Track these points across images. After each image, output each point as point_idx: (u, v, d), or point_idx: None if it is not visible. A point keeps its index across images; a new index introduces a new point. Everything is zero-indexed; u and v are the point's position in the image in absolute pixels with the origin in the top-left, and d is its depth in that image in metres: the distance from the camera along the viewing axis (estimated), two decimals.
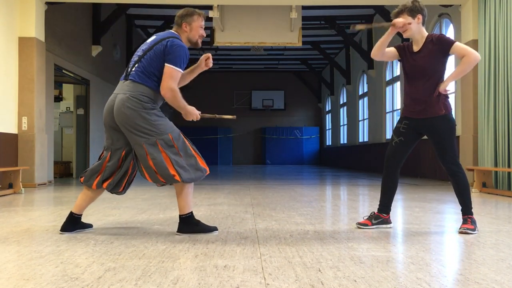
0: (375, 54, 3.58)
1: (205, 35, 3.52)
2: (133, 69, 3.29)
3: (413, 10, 3.43)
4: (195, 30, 3.39)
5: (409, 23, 3.41)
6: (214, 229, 3.40)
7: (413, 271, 2.29)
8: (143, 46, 3.37)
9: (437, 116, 3.40)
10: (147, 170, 3.25)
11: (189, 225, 3.31)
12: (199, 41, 3.46)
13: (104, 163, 3.34)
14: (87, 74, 11.31)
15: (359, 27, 3.50)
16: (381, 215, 3.58)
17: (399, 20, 3.40)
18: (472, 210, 3.48)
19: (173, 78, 3.21)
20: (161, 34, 3.39)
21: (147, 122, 3.19)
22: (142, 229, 3.51)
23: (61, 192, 7.00)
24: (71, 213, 3.40)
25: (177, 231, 3.33)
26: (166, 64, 3.21)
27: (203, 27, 3.42)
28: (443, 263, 2.50)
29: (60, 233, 3.32)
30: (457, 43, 3.37)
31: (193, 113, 3.37)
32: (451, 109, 3.48)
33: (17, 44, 7.90)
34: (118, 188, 3.41)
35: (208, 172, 3.34)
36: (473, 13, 7.91)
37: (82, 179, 3.40)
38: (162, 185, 3.32)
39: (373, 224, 3.55)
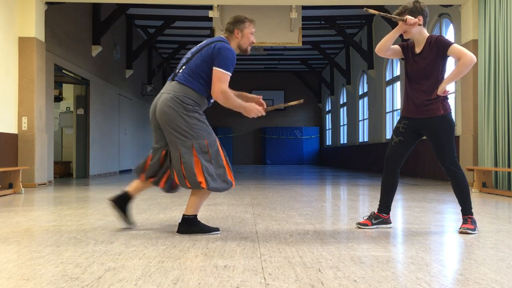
0: (380, 49, 3.56)
1: (254, 41, 3.58)
2: (180, 71, 3.32)
3: (413, 12, 3.42)
4: (246, 37, 3.45)
5: (419, 24, 3.40)
6: (214, 229, 3.36)
7: (413, 271, 2.29)
8: (193, 49, 3.41)
9: (436, 116, 3.40)
10: (177, 172, 3.23)
11: (189, 225, 3.31)
12: (249, 48, 3.52)
13: (147, 160, 3.40)
14: (87, 74, 11.31)
15: (372, 11, 3.48)
16: (381, 215, 3.58)
17: (411, 18, 3.37)
18: (472, 210, 3.47)
19: (222, 80, 3.23)
20: (210, 39, 3.44)
21: (186, 124, 3.18)
22: (142, 229, 3.51)
23: (61, 192, 7.00)
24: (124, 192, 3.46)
25: (177, 231, 3.32)
26: (214, 68, 3.23)
27: (253, 33, 3.50)
28: (443, 263, 2.50)
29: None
30: (454, 45, 3.38)
31: (252, 109, 3.34)
32: (450, 109, 3.48)
33: (17, 44, 7.90)
34: (158, 183, 3.42)
35: (233, 186, 3.33)
36: (473, 13, 7.91)
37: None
38: (187, 188, 3.27)
39: (373, 224, 3.55)
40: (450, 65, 3.94)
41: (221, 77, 3.22)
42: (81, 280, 2.12)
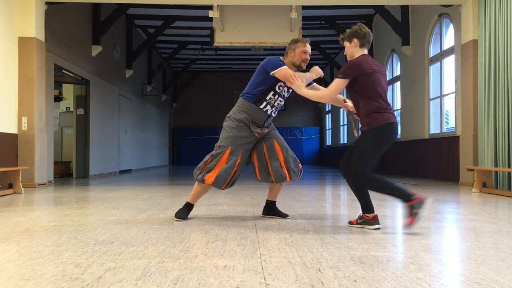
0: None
1: (308, 58, 3.97)
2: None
3: (349, 35, 3.70)
4: (298, 55, 3.91)
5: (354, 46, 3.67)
6: (180, 219, 3.94)
7: (413, 271, 2.29)
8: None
9: (362, 131, 3.61)
10: None
11: (183, 209, 4.02)
12: (302, 64, 3.96)
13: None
14: (87, 74, 11.31)
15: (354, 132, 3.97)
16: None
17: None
18: (368, 210, 3.59)
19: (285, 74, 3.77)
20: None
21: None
22: (142, 229, 3.51)
23: (61, 192, 7.00)
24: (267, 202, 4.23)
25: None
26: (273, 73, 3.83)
27: (307, 52, 3.91)
28: (443, 263, 2.50)
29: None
30: (335, 78, 3.68)
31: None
32: (375, 125, 3.51)
33: (17, 44, 7.90)
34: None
35: (207, 181, 3.82)
36: (473, 13, 7.91)
37: None
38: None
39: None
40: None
41: (285, 74, 3.78)
42: (81, 280, 2.12)
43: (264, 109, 3.91)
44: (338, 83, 3.63)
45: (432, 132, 10.34)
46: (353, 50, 3.68)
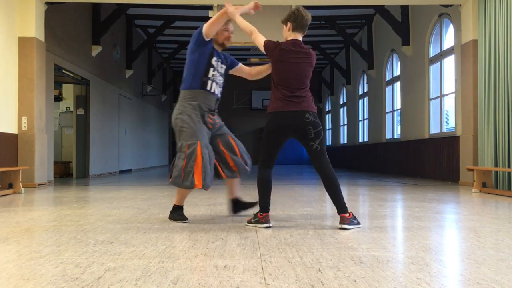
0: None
1: (230, 36, 3.99)
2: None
3: (285, 18, 3.73)
4: (220, 33, 3.92)
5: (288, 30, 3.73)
6: (183, 219, 3.88)
7: (413, 271, 2.29)
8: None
9: None
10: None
11: (171, 213, 3.96)
12: (226, 42, 3.98)
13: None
14: (87, 74, 11.31)
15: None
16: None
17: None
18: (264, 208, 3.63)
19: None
20: None
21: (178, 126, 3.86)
22: (142, 229, 3.51)
23: (61, 192, 7.00)
24: (233, 200, 4.25)
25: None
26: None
27: (228, 29, 3.94)
28: (443, 263, 2.50)
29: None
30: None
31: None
32: (272, 109, 3.60)
33: (17, 44, 7.90)
34: (218, 176, 4.02)
35: (198, 186, 3.68)
36: (473, 13, 7.91)
37: None
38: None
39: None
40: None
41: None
42: (81, 280, 2.12)
43: (212, 90, 3.88)
44: (261, 42, 3.74)
45: (432, 132, 10.34)
46: (287, 34, 3.73)
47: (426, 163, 10.45)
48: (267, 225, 3.59)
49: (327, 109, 22.64)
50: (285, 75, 3.58)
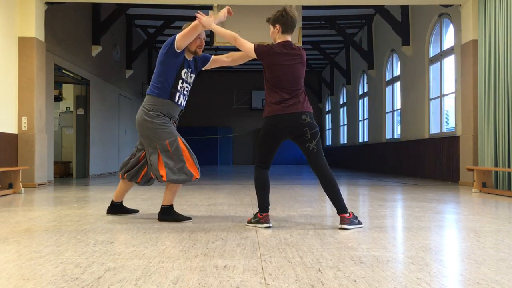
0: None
1: (203, 44, 3.96)
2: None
3: (273, 20, 3.69)
4: (193, 42, 3.88)
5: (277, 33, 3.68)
6: (187, 218, 3.91)
7: (413, 271, 2.29)
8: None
9: None
10: (149, 168, 3.96)
11: (165, 214, 3.90)
12: (198, 50, 3.95)
13: (130, 158, 4.07)
14: (87, 74, 11.31)
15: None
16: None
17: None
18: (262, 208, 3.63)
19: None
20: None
21: (150, 129, 3.84)
22: (142, 229, 3.51)
23: (61, 192, 7.00)
24: (112, 201, 4.30)
25: (157, 219, 3.93)
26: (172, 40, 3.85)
27: (200, 37, 3.89)
28: (443, 263, 2.50)
29: (106, 215, 4.22)
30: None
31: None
32: (268, 113, 3.61)
33: (17, 44, 7.90)
34: (136, 178, 4.06)
35: (195, 177, 3.77)
36: (473, 13, 7.91)
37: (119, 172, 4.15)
38: (159, 181, 3.86)
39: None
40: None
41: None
42: (81, 280, 2.12)
43: (179, 103, 3.90)
44: (251, 47, 3.64)
45: (432, 132, 10.34)
46: (275, 35, 3.69)
47: (426, 163, 10.45)
48: (267, 225, 3.59)
49: (327, 109, 22.64)
50: (280, 78, 3.57)
